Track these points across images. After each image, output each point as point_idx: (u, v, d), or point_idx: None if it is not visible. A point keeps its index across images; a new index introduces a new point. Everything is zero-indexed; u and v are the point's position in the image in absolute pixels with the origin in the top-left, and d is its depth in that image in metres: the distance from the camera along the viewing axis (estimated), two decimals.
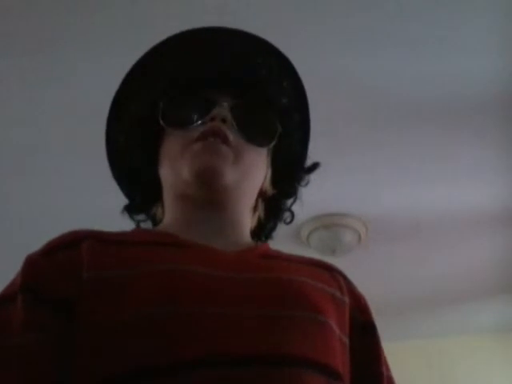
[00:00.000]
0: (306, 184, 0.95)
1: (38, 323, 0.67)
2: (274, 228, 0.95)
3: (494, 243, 2.61)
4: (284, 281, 0.76)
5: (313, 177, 0.95)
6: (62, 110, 1.86)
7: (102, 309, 0.67)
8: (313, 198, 0.95)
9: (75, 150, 2.00)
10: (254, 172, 0.86)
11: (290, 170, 0.94)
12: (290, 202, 0.96)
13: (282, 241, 0.93)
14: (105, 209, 0.92)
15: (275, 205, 0.94)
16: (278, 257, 0.84)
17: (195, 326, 0.66)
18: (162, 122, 0.84)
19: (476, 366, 3.22)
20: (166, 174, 0.86)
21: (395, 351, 3.55)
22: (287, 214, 0.96)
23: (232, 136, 0.81)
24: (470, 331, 3.25)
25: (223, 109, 0.82)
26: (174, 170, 0.83)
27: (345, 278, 0.86)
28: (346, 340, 0.78)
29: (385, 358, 0.84)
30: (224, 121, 0.81)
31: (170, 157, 0.84)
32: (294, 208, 0.97)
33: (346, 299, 0.82)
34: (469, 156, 2.15)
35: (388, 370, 0.84)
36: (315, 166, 0.96)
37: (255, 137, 0.85)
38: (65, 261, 0.72)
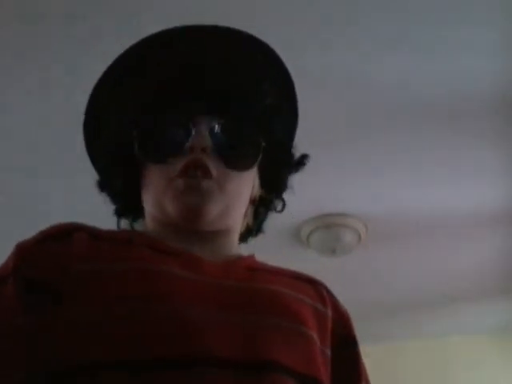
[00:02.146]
0: (298, 171, 0.91)
1: (24, 308, 0.68)
2: (264, 220, 0.93)
3: (494, 244, 2.61)
4: (267, 291, 0.76)
5: (313, 177, 0.95)
6: (64, 110, 1.86)
7: (84, 300, 0.68)
8: (313, 198, 0.95)
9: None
10: (240, 196, 0.84)
11: (279, 169, 0.90)
12: (281, 193, 0.92)
13: (282, 241, 0.94)
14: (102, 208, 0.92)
15: (265, 200, 0.91)
16: (263, 269, 0.84)
17: (174, 327, 0.66)
18: (138, 156, 0.81)
19: (476, 366, 3.21)
20: (148, 203, 0.84)
21: (394, 351, 3.56)
22: (277, 202, 0.92)
23: (213, 166, 0.78)
24: (469, 331, 3.25)
25: (202, 136, 0.78)
26: (157, 205, 0.82)
27: (328, 291, 0.86)
28: (328, 352, 0.78)
29: (365, 373, 0.84)
30: (204, 150, 0.78)
31: (152, 190, 0.82)
32: (294, 208, 0.96)
33: (329, 312, 0.82)
34: (469, 156, 2.15)
35: None
36: (303, 158, 0.92)
37: (238, 162, 0.81)
38: (55, 251, 0.73)
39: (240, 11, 1.57)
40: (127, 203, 0.89)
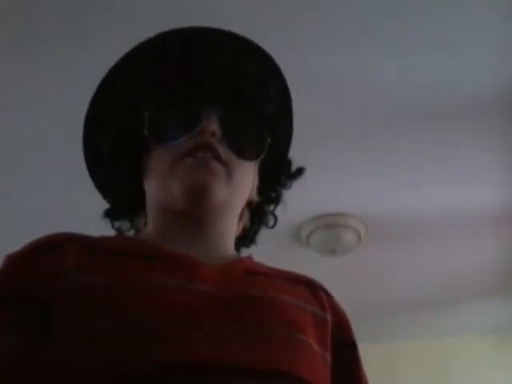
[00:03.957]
0: (289, 188, 0.94)
1: (14, 323, 0.67)
2: (257, 232, 0.94)
3: (494, 244, 2.61)
4: (265, 299, 0.76)
5: (313, 177, 0.95)
6: (65, 109, 1.86)
7: (76, 315, 0.67)
8: (313, 198, 0.95)
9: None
10: (243, 187, 0.85)
11: (277, 177, 0.92)
12: (273, 206, 0.94)
13: (282, 241, 0.94)
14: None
15: (260, 211, 0.93)
16: (261, 272, 0.83)
17: (178, 339, 0.66)
18: (148, 137, 0.82)
19: (476, 366, 3.21)
20: (152, 188, 0.84)
21: (394, 351, 3.55)
22: (270, 218, 0.94)
23: (222, 151, 0.79)
24: (469, 331, 3.25)
25: (212, 122, 0.80)
26: (162, 186, 0.81)
27: (327, 294, 0.86)
28: (328, 356, 0.78)
29: (365, 376, 0.84)
30: (213, 134, 0.79)
31: (157, 172, 0.82)
32: (294, 208, 0.96)
33: (328, 316, 0.82)
34: (469, 157, 2.15)
35: None
36: (300, 171, 0.94)
37: (245, 151, 0.83)
38: (46, 263, 0.71)
39: (240, 12, 1.57)
40: (126, 196, 0.88)
